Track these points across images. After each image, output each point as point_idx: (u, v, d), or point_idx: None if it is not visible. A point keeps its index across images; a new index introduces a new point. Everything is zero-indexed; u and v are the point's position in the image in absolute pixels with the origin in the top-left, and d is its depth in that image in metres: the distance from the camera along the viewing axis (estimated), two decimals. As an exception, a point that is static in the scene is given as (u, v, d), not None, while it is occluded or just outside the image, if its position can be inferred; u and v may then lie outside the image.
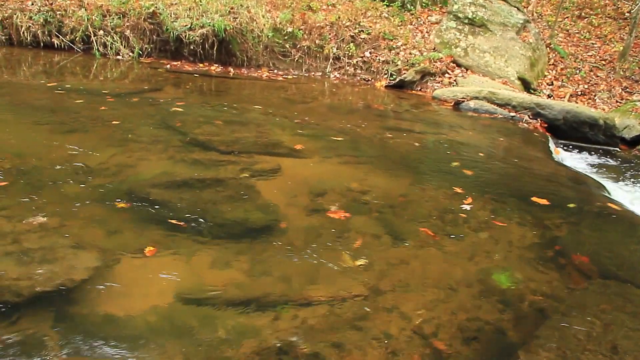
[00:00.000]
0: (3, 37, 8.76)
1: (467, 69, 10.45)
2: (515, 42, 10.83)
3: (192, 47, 9.32)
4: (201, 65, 9.35)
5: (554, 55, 11.95)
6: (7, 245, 2.71)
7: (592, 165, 7.02)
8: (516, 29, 11.05)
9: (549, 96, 10.38)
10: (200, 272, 2.78)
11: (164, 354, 2.17)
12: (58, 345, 2.16)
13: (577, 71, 11.62)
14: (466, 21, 10.96)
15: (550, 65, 11.60)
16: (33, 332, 2.22)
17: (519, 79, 10.34)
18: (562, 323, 2.62)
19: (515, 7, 11.54)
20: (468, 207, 4.02)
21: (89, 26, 8.95)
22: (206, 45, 9.33)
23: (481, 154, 5.76)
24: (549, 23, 13.49)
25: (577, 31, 13.55)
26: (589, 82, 11.32)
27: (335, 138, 5.51)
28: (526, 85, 10.41)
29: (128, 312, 2.41)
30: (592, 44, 13.03)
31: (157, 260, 2.84)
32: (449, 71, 10.32)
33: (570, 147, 7.84)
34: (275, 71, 9.82)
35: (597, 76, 11.61)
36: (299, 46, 10.04)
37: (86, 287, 2.53)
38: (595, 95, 10.87)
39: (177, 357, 2.16)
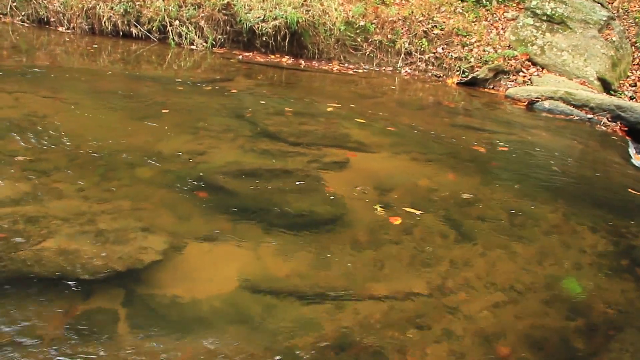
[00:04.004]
0: (86, 27, 9.15)
1: (542, 68, 10.11)
2: (596, 40, 10.38)
3: (264, 39, 9.43)
4: (272, 56, 9.45)
5: (639, 54, 11.37)
6: (83, 225, 2.83)
7: (676, 173, 6.64)
8: (598, 27, 10.58)
9: (631, 98, 9.89)
10: (265, 260, 2.82)
11: (227, 339, 2.21)
12: (127, 323, 2.25)
13: (665, 72, 11.01)
14: (544, 18, 10.58)
15: (634, 65, 11.04)
16: (105, 308, 2.32)
17: (599, 79, 9.91)
18: (637, 337, 2.50)
19: (598, 3, 11.04)
20: (538, 210, 3.89)
21: (166, 16, 9.21)
22: (278, 37, 9.41)
23: (554, 156, 5.56)
24: (636, 20, 12.84)
25: (666, 29, 12.81)
26: (677, 84, 10.70)
27: (404, 134, 5.46)
28: (606, 86, 9.96)
29: (193, 296, 2.47)
30: (684, 43, 12.29)
31: (223, 247, 2.90)
32: (523, 70, 10.00)
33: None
34: (346, 65, 9.80)
35: (688, 78, 10.96)
36: (370, 40, 9.97)
37: (155, 269, 2.62)
38: (683, 99, 10.27)
39: (239, 343, 2.21)
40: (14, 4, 9.01)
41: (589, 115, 7.83)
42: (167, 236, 2.88)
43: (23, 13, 9.04)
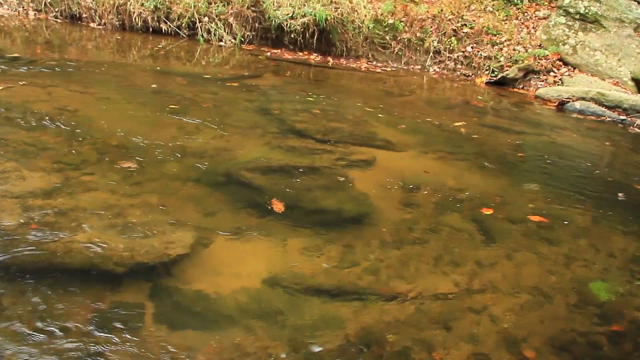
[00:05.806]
0: (117, 23, 9.27)
1: (574, 68, 9.93)
2: (631, 39, 10.16)
3: (292, 36, 9.44)
4: (301, 54, 9.45)
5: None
6: (112, 218, 2.88)
7: None
8: (634, 25, 10.34)
9: (665, 100, 9.66)
10: (290, 257, 2.83)
11: (250, 335, 2.23)
12: (153, 315, 2.28)
13: (703, 73, 10.70)
14: (577, 17, 10.39)
15: (669, 66, 10.78)
16: (132, 300, 2.35)
17: (633, 79, 9.70)
18: (668, 344, 2.45)
19: (635, 0, 10.79)
20: (567, 212, 3.83)
21: (195, 13, 9.28)
22: (306, 35, 9.41)
23: (584, 158, 5.47)
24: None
25: None
26: None
27: (432, 133, 5.43)
28: (640, 87, 9.76)
29: (218, 290, 2.50)
30: None
31: (249, 243, 2.92)
32: (554, 69, 9.84)
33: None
34: (374, 63, 9.76)
35: None
36: (399, 38, 9.92)
37: (181, 263, 2.65)
38: None
39: (263, 338, 2.22)
40: (48, 0, 9.19)
41: (622, 117, 7.68)
42: (194, 231, 2.90)
43: (56, 9, 9.21)
